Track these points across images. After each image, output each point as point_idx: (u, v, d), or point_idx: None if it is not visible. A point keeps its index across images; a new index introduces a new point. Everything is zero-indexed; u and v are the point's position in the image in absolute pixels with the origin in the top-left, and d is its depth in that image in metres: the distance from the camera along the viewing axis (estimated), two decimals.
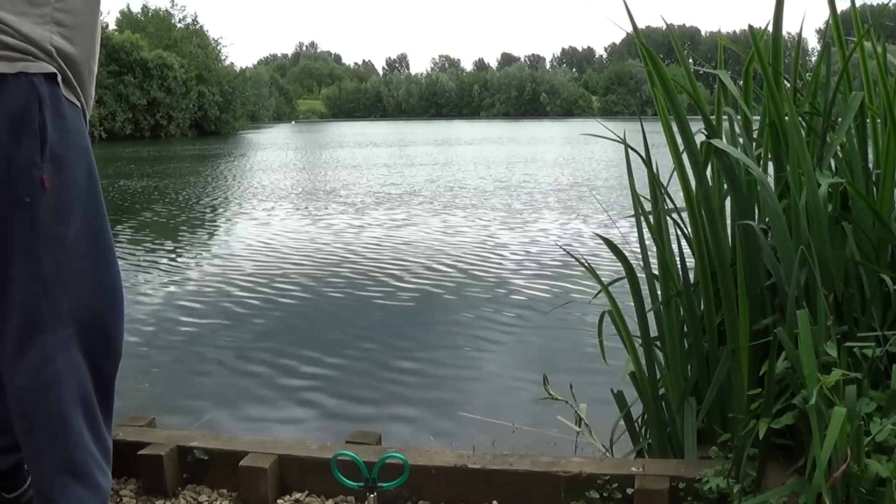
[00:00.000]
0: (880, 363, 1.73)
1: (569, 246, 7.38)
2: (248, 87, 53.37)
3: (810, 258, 1.76)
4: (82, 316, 1.46)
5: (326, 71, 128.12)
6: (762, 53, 1.97)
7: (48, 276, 1.41)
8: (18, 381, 1.42)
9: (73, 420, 1.44)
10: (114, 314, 1.53)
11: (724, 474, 1.73)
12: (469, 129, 53.87)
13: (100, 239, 1.50)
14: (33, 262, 1.40)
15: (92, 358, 1.48)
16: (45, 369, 1.41)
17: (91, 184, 1.48)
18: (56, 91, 1.41)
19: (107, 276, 1.52)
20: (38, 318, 1.41)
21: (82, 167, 1.45)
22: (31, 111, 1.37)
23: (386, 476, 1.76)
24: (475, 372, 4.02)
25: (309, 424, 3.37)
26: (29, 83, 1.38)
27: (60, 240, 1.42)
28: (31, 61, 1.38)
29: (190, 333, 4.70)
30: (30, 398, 1.42)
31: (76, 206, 1.44)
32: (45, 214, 1.39)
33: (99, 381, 1.50)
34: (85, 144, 1.48)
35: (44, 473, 1.43)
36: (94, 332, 1.48)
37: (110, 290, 1.53)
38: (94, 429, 1.48)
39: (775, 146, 2.05)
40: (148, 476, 2.00)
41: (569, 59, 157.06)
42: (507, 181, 14.49)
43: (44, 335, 1.41)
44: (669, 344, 2.14)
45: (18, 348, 1.41)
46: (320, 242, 7.89)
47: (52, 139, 1.38)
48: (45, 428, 1.42)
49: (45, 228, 1.39)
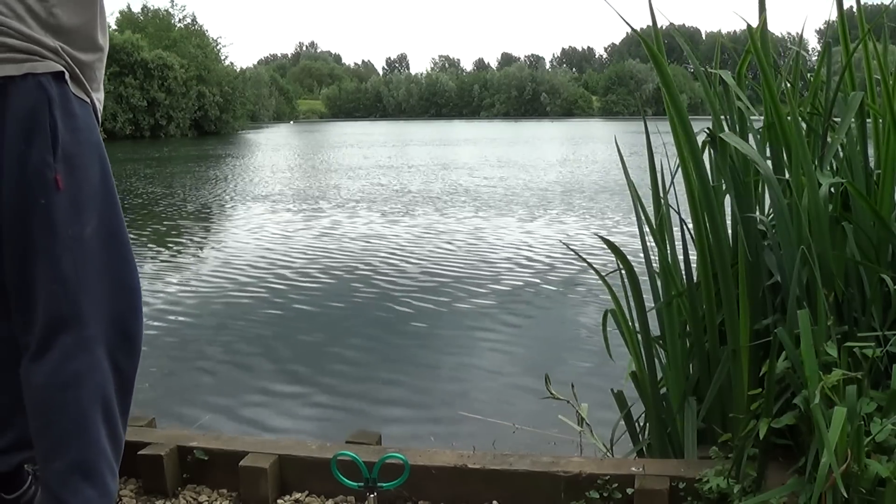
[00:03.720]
0: (880, 363, 1.73)
1: (572, 246, 7.38)
2: (248, 87, 53.30)
3: (811, 258, 1.76)
4: (102, 315, 1.46)
5: (326, 71, 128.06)
6: (760, 53, 1.97)
7: (68, 276, 1.41)
8: (37, 380, 1.42)
9: (91, 420, 1.44)
10: (133, 312, 1.54)
11: (725, 474, 1.73)
12: (469, 129, 53.86)
13: (116, 236, 1.50)
14: (53, 263, 1.40)
15: (113, 357, 1.48)
16: (66, 369, 1.41)
17: (105, 180, 1.48)
18: (65, 89, 1.41)
19: (125, 273, 1.52)
20: (60, 319, 1.41)
21: (95, 164, 1.46)
22: (41, 112, 1.37)
23: (386, 476, 1.76)
24: (475, 372, 4.02)
25: (309, 424, 3.37)
26: (37, 84, 1.37)
27: (78, 239, 1.42)
28: (37, 61, 1.38)
29: (190, 334, 4.70)
30: (47, 396, 1.42)
31: (91, 205, 1.44)
32: (62, 215, 1.39)
33: (119, 380, 1.51)
34: (96, 140, 1.47)
35: (55, 471, 1.43)
36: (115, 331, 1.49)
37: (129, 288, 1.53)
38: (111, 429, 1.48)
39: (775, 146, 2.05)
40: (148, 476, 2.00)
41: (569, 59, 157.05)
42: (508, 181, 14.49)
43: (65, 335, 1.41)
44: (670, 343, 2.14)
45: (40, 348, 1.42)
46: (319, 243, 7.89)
47: (63, 139, 1.38)
48: (60, 426, 1.42)
49: (62, 229, 1.40)
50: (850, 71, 2.08)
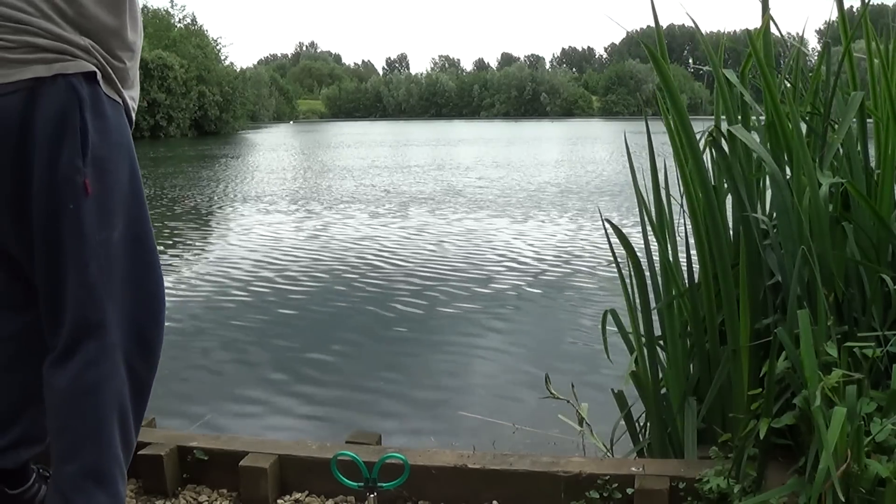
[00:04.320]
0: (880, 363, 1.73)
1: (569, 247, 7.39)
2: (248, 87, 53.32)
3: (811, 258, 1.76)
4: (126, 322, 1.46)
5: (326, 71, 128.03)
6: (760, 56, 1.97)
7: (94, 282, 1.41)
8: (59, 383, 1.42)
9: (108, 427, 1.44)
10: (155, 319, 1.54)
11: (725, 474, 1.73)
12: (469, 129, 53.87)
13: (143, 241, 1.50)
14: (81, 269, 1.40)
15: (132, 363, 1.48)
16: (87, 375, 1.41)
17: (133, 184, 1.47)
18: (96, 90, 1.39)
19: (150, 280, 1.52)
20: (85, 325, 1.41)
21: (124, 167, 1.45)
22: (71, 114, 1.35)
23: (386, 476, 1.76)
24: (475, 372, 4.02)
25: (309, 424, 3.36)
26: (68, 85, 1.35)
27: (105, 245, 1.41)
28: (68, 60, 1.36)
29: (190, 334, 4.69)
30: (67, 400, 1.42)
31: (119, 210, 1.44)
32: (90, 220, 1.39)
33: (136, 387, 1.51)
34: (126, 143, 1.46)
35: (67, 474, 1.42)
36: (135, 339, 1.49)
37: (153, 296, 1.53)
38: (125, 435, 1.48)
39: (775, 146, 2.05)
40: (148, 476, 2.00)
41: (569, 58, 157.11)
42: (508, 181, 14.49)
43: (89, 341, 1.41)
44: (671, 343, 2.14)
45: (65, 352, 1.42)
46: (319, 243, 7.89)
47: (93, 142, 1.37)
48: (77, 431, 1.43)
49: (90, 235, 1.39)
50: (851, 70, 2.08)
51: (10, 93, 1.34)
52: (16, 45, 1.34)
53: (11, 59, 1.34)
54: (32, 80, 1.34)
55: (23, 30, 1.34)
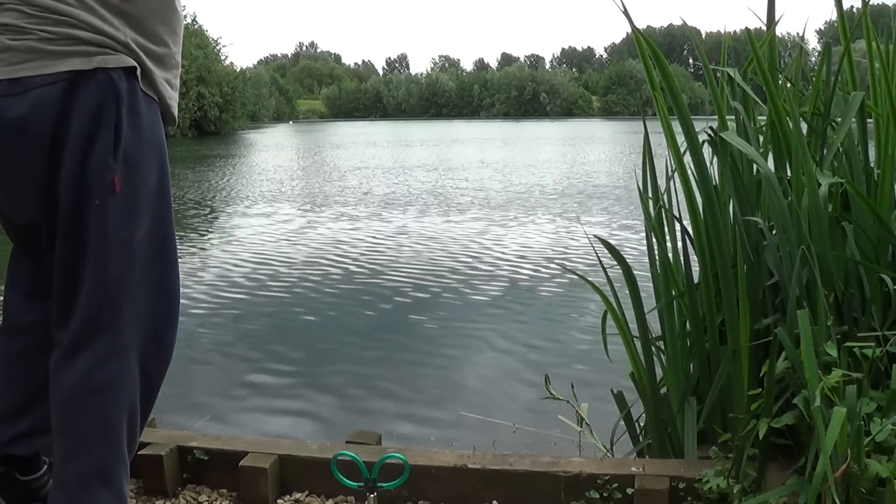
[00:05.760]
0: (880, 363, 1.73)
1: (570, 247, 7.39)
2: (248, 87, 53.29)
3: (811, 258, 1.76)
4: (140, 323, 1.45)
5: (326, 71, 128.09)
6: (761, 57, 1.97)
7: (112, 281, 1.40)
8: (66, 380, 1.41)
9: (116, 427, 1.43)
10: (170, 320, 1.53)
11: (725, 474, 1.73)
12: (469, 129, 53.86)
13: (165, 244, 1.49)
14: (100, 266, 1.38)
15: (143, 364, 1.47)
16: (97, 374, 1.40)
17: (161, 184, 1.46)
18: (134, 86, 1.38)
19: (168, 282, 1.51)
20: (97, 323, 1.40)
21: (154, 166, 1.44)
22: (108, 109, 1.34)
23: (386, 476, 1.76)
24: (475, 372, 4.02)
25: (309, 424, 3.37)
26: (108, 79, 1.34)
27: (127, 244, 1.40)
28: (109, 54, 1.35)
29: (189, 334, 4.69)
30: (75, 398, 1.41)
31: (145, 210, 1.42)
32: (114, 218, 1.38)
33: (147, 387, 1.50)
34: (158, 141, 1.45)
35: (72, 472, 1.41)
36: (150, 339, 1.48)
37: (169, 297, 1.52)
38: (132, 435, 1.48)
39: (776, 146, 2.05)
40: (148, 476, 2.00)
41: (569, 59, 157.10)
42: (508, 181, 14.49)
43: (100, 340, 1.40)
44: (670, 344, 2.14)
45: (73, 348, 1.40)
46: (319, 244, 7.89)
47: (126, 139, 1.36)
48: (83, 430, 1.41)
49: (113, 233, 1.38)
50: (850, 70, 2.08)
51: (49, 84, 1.33)
52: (57, 36, 1.33)
53: (52, 51, 1.33)
54: (72, 73, 1.33)
55: (64, 21, 1.33)
